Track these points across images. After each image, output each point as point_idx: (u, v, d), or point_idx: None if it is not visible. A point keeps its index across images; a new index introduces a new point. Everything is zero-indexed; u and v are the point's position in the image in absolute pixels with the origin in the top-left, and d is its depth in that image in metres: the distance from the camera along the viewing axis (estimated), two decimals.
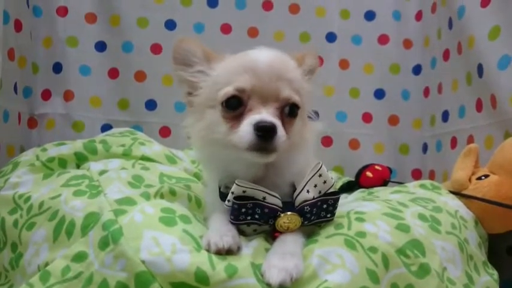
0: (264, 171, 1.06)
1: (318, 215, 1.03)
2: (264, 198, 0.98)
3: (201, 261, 0.86)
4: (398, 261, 0.97)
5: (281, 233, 1.01)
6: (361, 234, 1.00)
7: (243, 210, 0.97)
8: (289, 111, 1.02)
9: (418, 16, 2.28)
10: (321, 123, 1.18)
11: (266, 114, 0.97)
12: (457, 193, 1.39)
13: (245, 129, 0.96)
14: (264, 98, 0.99)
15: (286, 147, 0.99)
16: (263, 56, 1.03)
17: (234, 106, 1.00)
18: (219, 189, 1.09)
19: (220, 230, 0.95)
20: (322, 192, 1.02)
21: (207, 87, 1.06)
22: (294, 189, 1.04)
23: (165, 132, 2.20)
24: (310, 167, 1.03)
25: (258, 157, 0.97)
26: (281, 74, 1.01)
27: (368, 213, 1.10)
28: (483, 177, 1.36)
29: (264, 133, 0.94)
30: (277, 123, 0.96)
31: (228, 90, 1.00)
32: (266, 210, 0.98)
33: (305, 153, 1.11)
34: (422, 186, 1.43)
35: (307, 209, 1.01)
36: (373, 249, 0.97)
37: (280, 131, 0.96)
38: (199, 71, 1.09)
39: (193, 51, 1.10)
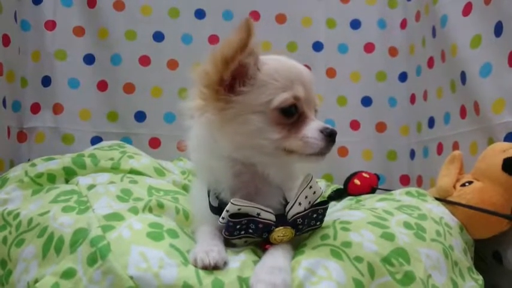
0: (288, 173, 1.10)
1: (308, 224, 1.06)
2: (259, 214, 1.00)
3: (188, 275, 0.87)
4: (384, 270, 0.99)
5: (271, 244, 1.03)
6: (347, 244, 1.02)
7: (238, 226, 0.99)
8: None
9: (403, 24, 2.32)
10: None
11: (319, 122, 1.03)
12: (442, 200, 1.41)
13: (313, 135, 1.00)
14: (309, 106, 1.05)
15: None
16: (302, 66, 1.08)
17: (291, 113, 1.01)
18: (209, 203, 1.10)
19: (207, 245, 0.96)
20: (312, 202, 1.05)
21: (253, 89, 1.01)
22: (286, 200, 1.08)
23: (154, 143, 2.22)
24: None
25: (320, 160, 1.03)
26: (313, 83, 1.08)
27: (353, 222, 1.11)
28: (467, 184, 1.39)
29: (331, 138, 1.00)
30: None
31: (287, 97, 1.00)
32: (260, 226, 1.01)
33: None
34: (408, 193, 1.45)
35: (299, 221, 1.04)
36: (359, 259, 0.99)
37: None
38: (246, 64, 1.00)
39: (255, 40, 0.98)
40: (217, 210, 1.07)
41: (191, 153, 1.16)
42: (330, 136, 1.00)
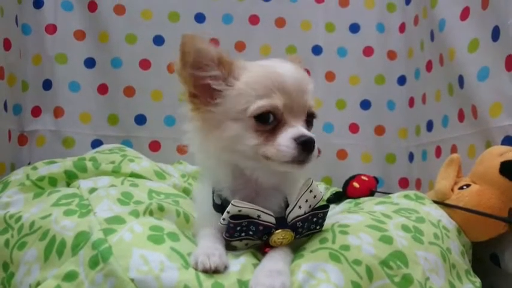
0: (283, 177, 1.10)
1: (308, 228, 1.07)
2: (259, 216, 1.01)
3: (188, 278, 0.88)
4: (382, 273, 1.00)
5: (271, 247, 1.04)
6: (345, 247, 1.03)
7: (238, 228, 1.01)
8: (309, 120, 1.08)
9: (402, 28, 2.34)
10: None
11: (301, 128, 1.01)
12: (440, 203, 1.42)
13: (286, 143, 0.99)
14: (294, 112, 1.03)
15: None
16: (288, 70, 1.05)
17: (267, 120, 1.01)
18: (213, 200, 1.12)
19: (208, 248, 0.97)
20: (312, 205, 1.07)
21: (231, 98, 1.03)
22: (287, 203, 1.09)
23: (154, 146, 2.23)
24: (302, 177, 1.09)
25: (296, 168, 1.01)
26: (304, 88, 1.06)
27: (352, 225, 1.13)
28: (465, 187, 1.40)
29: (306, 147, 0.98)
30: (314, 136, 1.01)
31: (262, 105, 1.00)
32: (260, 228, 1.02)
33: None
34: (406, 196, 1.46)
35: (299, 224, 1.05)
36: (357, 262, 1.00)
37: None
38: (214, 77, 1.03)
39: (207, 53, 1.03)
40: (220, 208, 1.09)
41: (195, 155, 1.17)
42: (303, 144, 0.99)
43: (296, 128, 1.01)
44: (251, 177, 1.09)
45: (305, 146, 0.98)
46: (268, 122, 1.01)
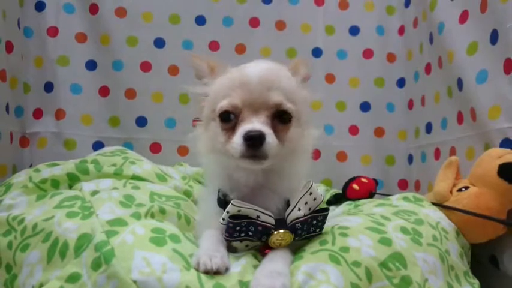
0: (264, 177, 1.11)
1: (307, 230, 1.08)
2: (258, 216, 1.03)
3: (190, 279, 0.89)
4: (381, 275, 1.01)
5: (271, 249, 1.06)
6: (345, 249, 1.04)
7: (238, 228, 1.02)
8: (282, 118, 1.06)
9: (401, 31, 2.35)
10: (317, 130, 1.20)
11: (256, 124, 1.02)
12: (439, 204, 1.42)
13: (236, 139, 1.01)
14: (255, 108, 1.04)
15: (282, 154, 1.04)
16: (255, 69, 1.07)
17: (228, 119, 1.06)
18: (218, 193, 1.15)
19: (210, 249, 0.99)
20: (312, 208, 1.08)
21: (209, 100, 1.12)
22: (287, 205, 1.10)
23: (155, 148, 2.24)
24: (304, 179, 1.10)
25: (250, 164, 1.02)
26: (271, 84, 1.05)
27: (351, 228, 1.14)
28: (463, 189, 1.40)
29: (252, 141, 0.99)
30: (267, 131, 1.01)
31: (222, 104, 1.05)
32: (260, 228, 1.03)
33: (305, 159, 1.17)
34: (405, 198, 1.47)
35: (298, 226, 1.06)
36: (357, 264, 1.01)
37: (270, 138, 1.00)
38: (205, 84, 1.16)
39: (199, 66, 1.17)
40: (223, 203, 1.11)
41: (198, 155, 1.21)
42: (248, 140, 0.99)
43: (251, 124, 1.02)
44: (237, 177, 1.11)
45: (250, 141, 0.99)
46: (229, 120, 1.05)
